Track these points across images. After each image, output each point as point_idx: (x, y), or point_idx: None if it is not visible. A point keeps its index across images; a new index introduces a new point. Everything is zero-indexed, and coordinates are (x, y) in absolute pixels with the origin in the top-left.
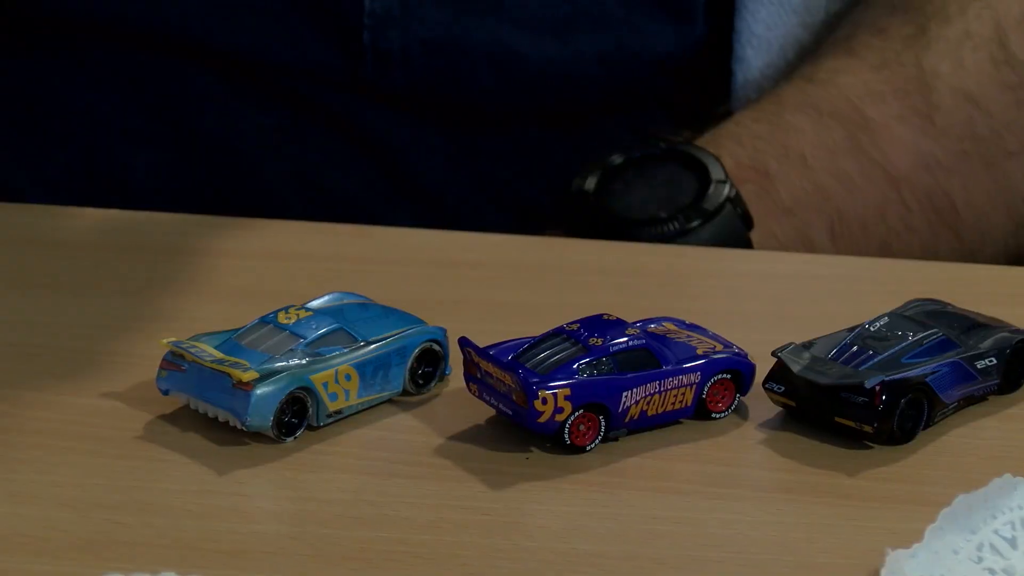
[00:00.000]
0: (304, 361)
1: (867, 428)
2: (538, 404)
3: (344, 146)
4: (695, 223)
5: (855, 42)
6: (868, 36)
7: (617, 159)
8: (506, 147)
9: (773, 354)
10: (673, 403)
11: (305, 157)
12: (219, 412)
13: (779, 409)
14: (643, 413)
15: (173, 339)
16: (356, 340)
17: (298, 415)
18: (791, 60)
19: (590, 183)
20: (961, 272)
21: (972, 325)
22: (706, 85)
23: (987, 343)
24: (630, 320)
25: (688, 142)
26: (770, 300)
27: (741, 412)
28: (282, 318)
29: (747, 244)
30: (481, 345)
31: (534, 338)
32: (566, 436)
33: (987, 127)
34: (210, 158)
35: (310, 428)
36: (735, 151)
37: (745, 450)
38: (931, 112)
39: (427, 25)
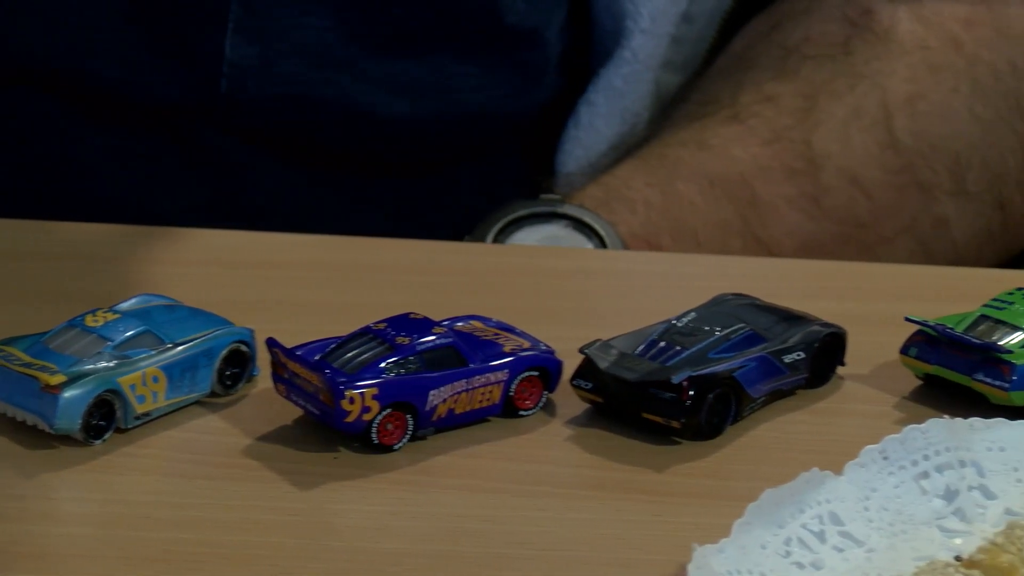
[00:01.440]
0: (112, 364)
1: (675, 423)
2: (345, 404)
3: (187, 171)
4: None
5: (742, 108)
6: (757, 104)
7: (514, 213)
8: (353, 185)
9: (580, 351)
10: (480, 401)
11: (145, 179)
12: (27, 416)
13: (587, 406)
14: (451, 411)
15: None
16: (163, 342)
17: (106, 418)
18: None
19: (489, 238)
20: (769, 267)
21: (780, 320)
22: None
23: (795, 337)
24: (437, 319)
25: (580, 203)
26: (579, 297)
27: (549, 409)
28: (89, 321)
29: None
30: (288, 346)
31: (341, 338)
32: (374, 435)
33: (868, 211)
34: (46, 175)
35: (118, 431)
36: (629, 220)
37: (553, 447)
38: (818, 194)
39: (283, 78)
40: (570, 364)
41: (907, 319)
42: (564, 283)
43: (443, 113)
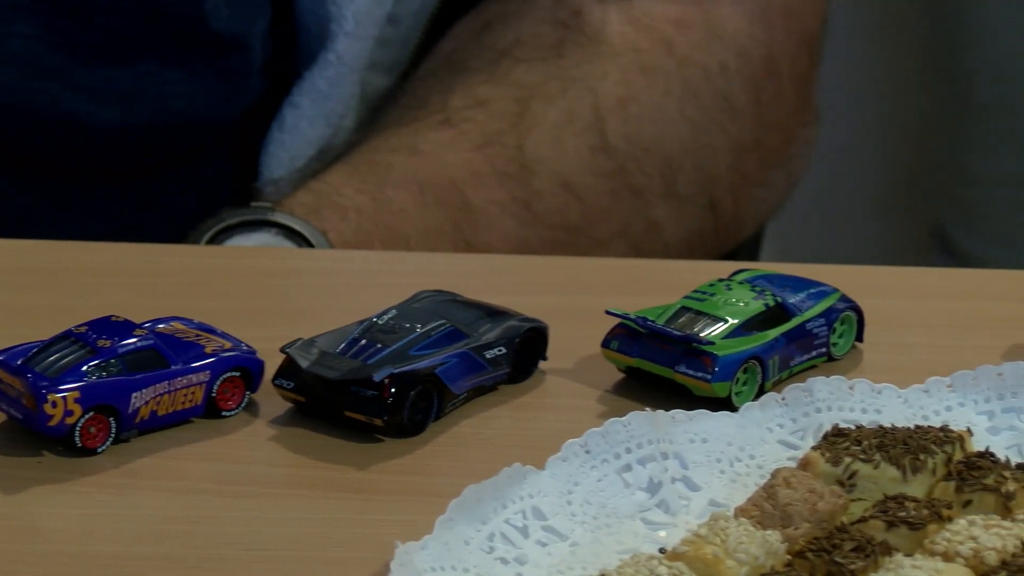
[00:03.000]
0: None
1: (377, 421)
2: (48, 407)
3: None
4: None
5: (453, 112)
6: (469, 108)
7: (224, 222)
8: (71, 195)
9: (281, 350)
10: (183, 402)
11: None
12: None
13: (290, 405)
14: (153, 413)
15: None
16: None
17: None
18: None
19: (204, 241)
20: (472, 263)
21: (481, 315)
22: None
23: (495, 333)
24: (140, 321)
25: (290, 210)
26: (283, 297)
27: (252, 409)
28: None
29: None
30: None
31: (43, 342)
32: (77, 438)
33: (581, 215)
34: None
35: None
36: (340, 227)
37: (257, 447)
38: (531, 199)
39: None
40: (273, 364)
41: (608, 312)
42: (269, 283)
43: (152, 120)
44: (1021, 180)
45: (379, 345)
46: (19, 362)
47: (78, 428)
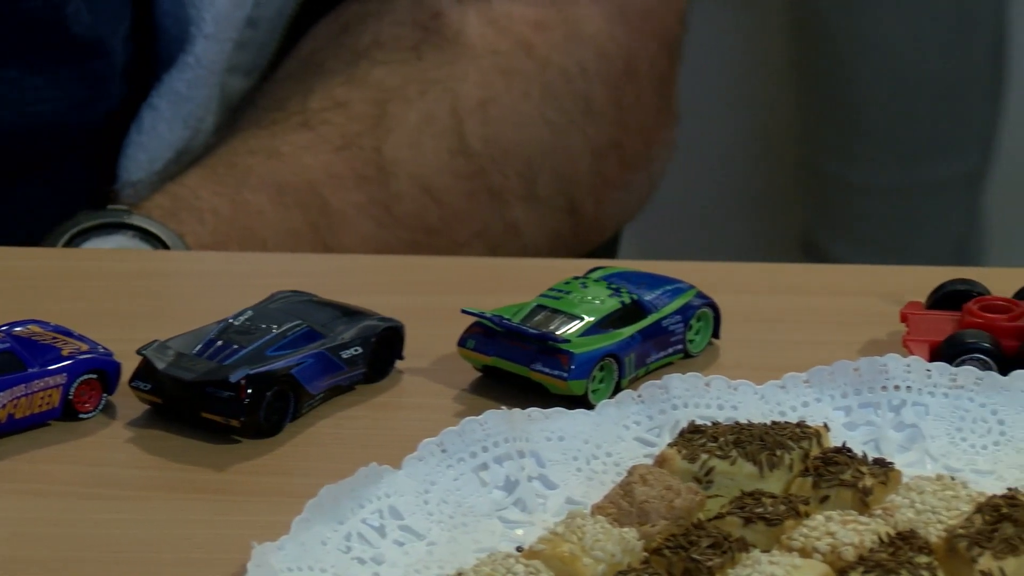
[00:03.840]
0: None
1: (234, 422)
2: None
3: None
4: None
5: (312, 115)
6: (328, 110)
7: (81, 224)
8: None
9: (138, 352)
10: (40, 405)
11: None
12: None
13: (147, 407)
14: (11, 416)
15: None
16: None
17: None
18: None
19: (61, 243)
20: (329, 263)
21: (337, 315)
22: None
23: (352, 333)
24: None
25: (147, 213)
26: (141, 298)
27: (109, 411)
28: None
29: None
30: None
31: None
32: None
33: (439, 218)
34: None
35: None
36: (197, 230)
37: (115, 449)
38: (389, 202)
39: None
40: (130, 366)
41: (464, 311)
42: (126, 285)
43: (15, 125)
44: (895, 191)
45: (235, 346)
46: None
47: None
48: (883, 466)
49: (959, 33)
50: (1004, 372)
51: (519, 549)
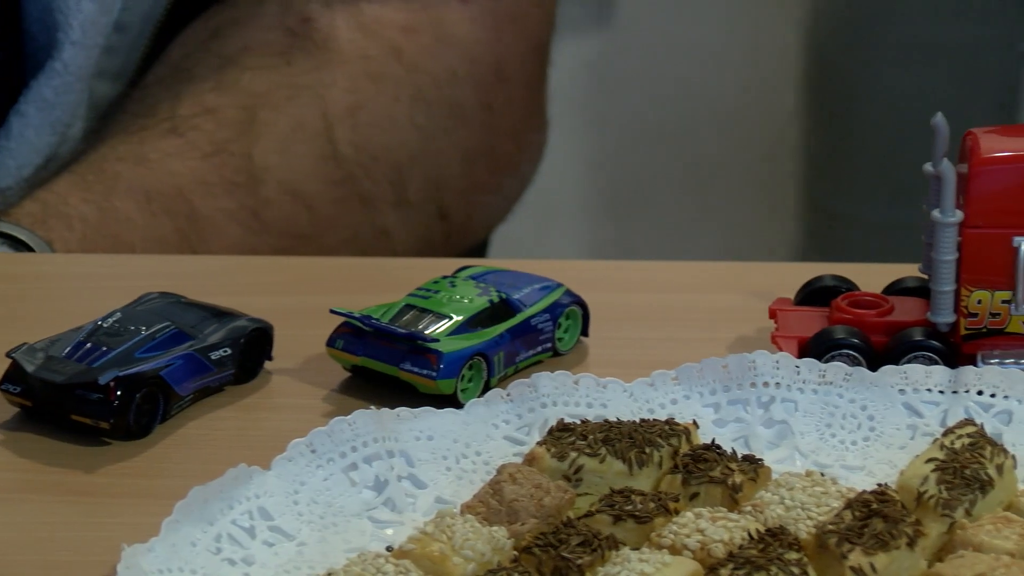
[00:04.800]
0: None
1: (103, 424)
2: None
3: None
4: None
5: (181, 121)
6: (197, 116)
7: None
8: None
9: (7, 355)
10: None
11: None
12: None
13: (17, 410)
14: None
15: None
16: None
17: None
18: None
19: None
20: (195, 264)
21: (205, 316)
22: None
23: (221, 334)
24: None
25: (16, 220)
26: (6, 302)
27: None
28: None
29: None
30: None
31: None
32: None
33: (309, 224)
34: None
35: None
36: (66, 237)
37: None
38: (259, 208)
39: None
40: None
41: (332, 311)
42: None
43: None
44: (890, 227)
45: (104, 348)
46: None
47: None
48: (752, 463)
49: (967, 89)
50: (873, 368)
51: (389, 549)
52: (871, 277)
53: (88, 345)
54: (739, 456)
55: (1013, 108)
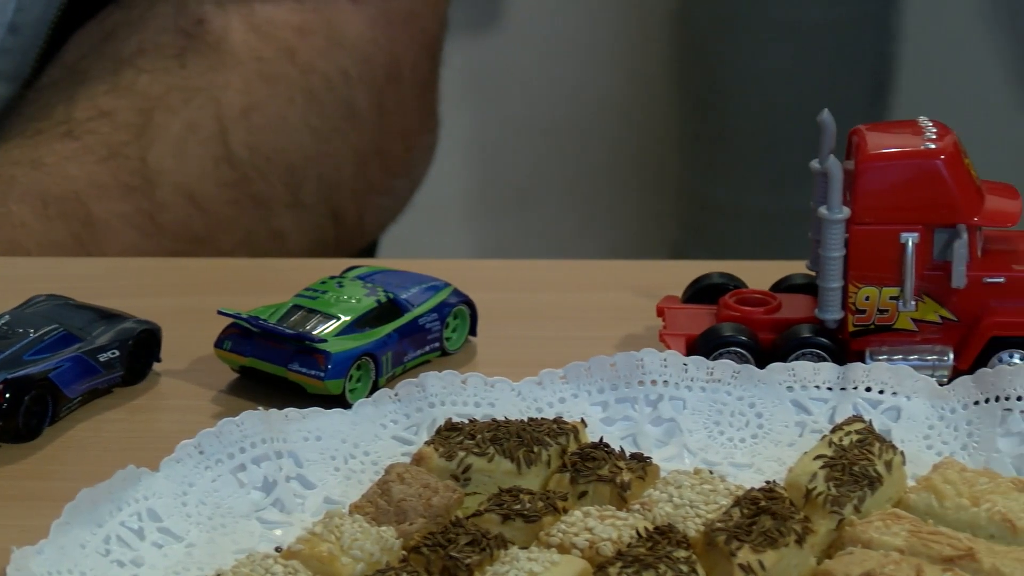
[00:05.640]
0: None
1: None
2: None
3: None
4: None
5: (76, 124)
6: (93, 120)
7: None
8: None
9: None
10: None
11: None
12: None
13: None
14: None
15: None
16: None
17: None
18: None
19: None
20: (85, 267)
21: (94, 318)
22: None
23: (109, 336)
24: None
25: None
26: None
27: None
28: None
29: None
30: None
31: None
32: None
33: (204, 227)
34: None
35: None
36: None
37: None
38: (154, 211)
39: None
40: None
41: (220, 312)
42: None
43: None
44: (766, 215)
45: None
46: None
47: None
48: (641, 461)
49: (839, 69)
50: (761, 365)
51: (278, 549)
52: (759, 274)
53: None
54: (627, 454)
55: (887, 86)
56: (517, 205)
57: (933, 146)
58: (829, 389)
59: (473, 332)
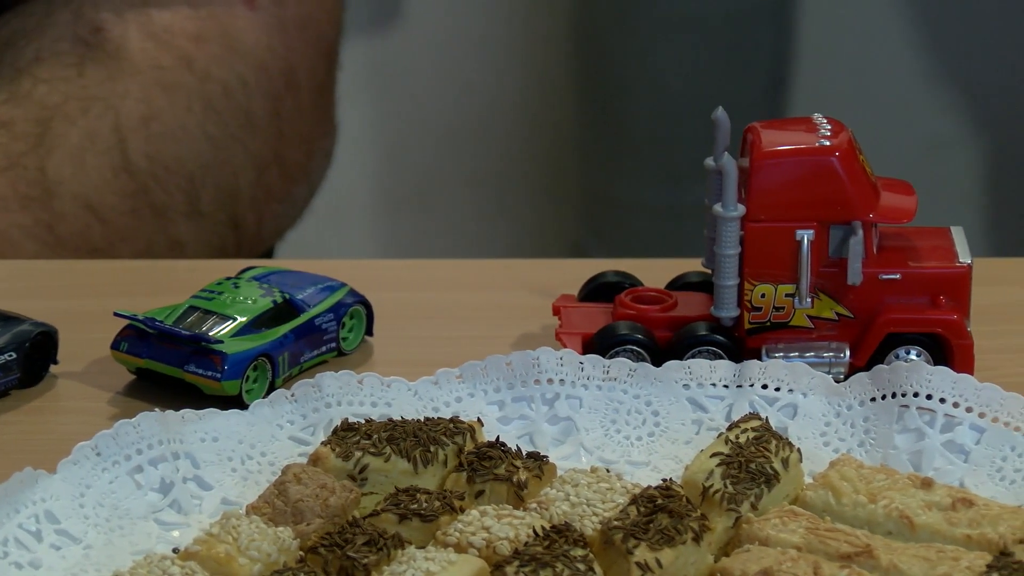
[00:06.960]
0: None
1: None
2: None
3: None
4: None
5: None
6: None
7: None
8: None
9: None
10: None
11: None
12: None
13: None
14: None
15: None
16: None
17: None
18: None
19: None
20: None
21: None
22: None
23: (5, 338)
24: None
25: None
26: None
27: None
28: None
29: None
30: None
31: None
32: None
33: (103, 237)
34: None
35: None
36: None
37: None
38: (53, 222)
39: None
40: None
41: (116, 314)
42: None
43: None
44: (662, 209)
45: None
46: None
47: None
48: (537, 460)
49: (735, 62)
50: (657, 363)
51: (175, 550)
52: (654, 272)
53: None
54: (524, 453)
55: (784, 81)
56: (417, 205)
57: (828, 143)
58: (725, 387)
59: (370, 332)
